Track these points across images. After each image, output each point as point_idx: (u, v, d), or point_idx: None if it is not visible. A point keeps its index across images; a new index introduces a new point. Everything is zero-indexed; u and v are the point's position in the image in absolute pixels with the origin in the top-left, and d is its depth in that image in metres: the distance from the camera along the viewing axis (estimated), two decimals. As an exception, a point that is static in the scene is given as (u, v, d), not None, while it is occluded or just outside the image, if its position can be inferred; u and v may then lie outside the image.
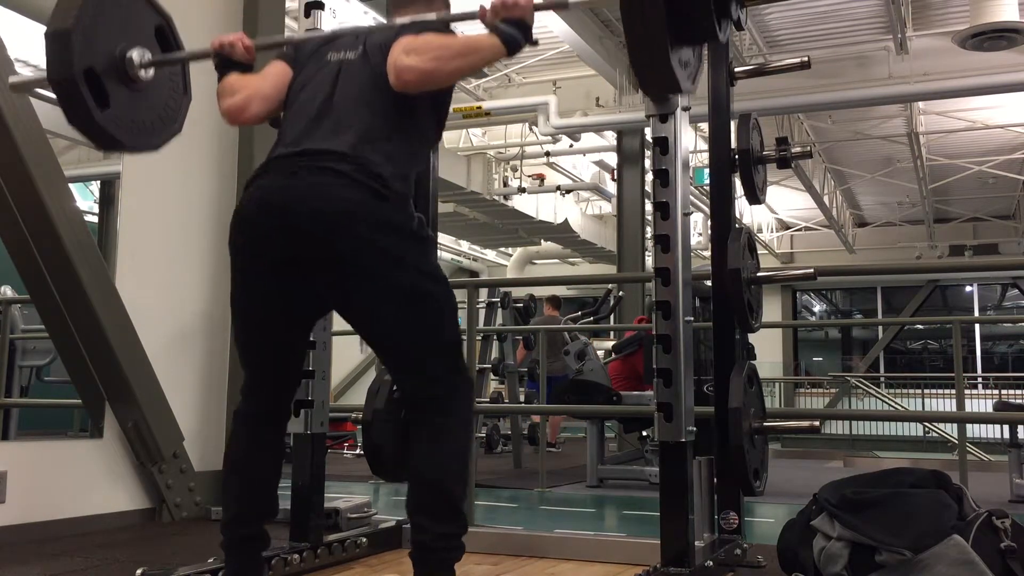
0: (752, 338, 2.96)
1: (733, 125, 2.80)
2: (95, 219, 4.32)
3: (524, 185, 11.70)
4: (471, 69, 2.10)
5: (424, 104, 2.12)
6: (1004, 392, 13.73)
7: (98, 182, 4.60)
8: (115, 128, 2.14)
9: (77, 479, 3.53)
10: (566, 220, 13.01)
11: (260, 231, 2.03)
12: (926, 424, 10.99)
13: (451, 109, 2.33)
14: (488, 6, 2.02)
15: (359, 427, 6.78)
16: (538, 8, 2.07)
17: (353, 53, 2.16)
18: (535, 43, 2.05)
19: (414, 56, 2.00)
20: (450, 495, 2.01)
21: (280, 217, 1.99)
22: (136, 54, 2.19)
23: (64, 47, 2.04)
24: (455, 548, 2.02)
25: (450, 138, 11.39)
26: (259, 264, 2.07)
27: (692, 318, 2.49)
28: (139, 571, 2.36)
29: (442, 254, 15.22)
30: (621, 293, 8.63)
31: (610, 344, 7.32)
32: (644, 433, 6.16)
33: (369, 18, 8.29)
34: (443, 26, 2.16)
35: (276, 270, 2.05)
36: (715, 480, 2.70)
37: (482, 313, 7.78)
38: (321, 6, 2.95)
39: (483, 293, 7.81)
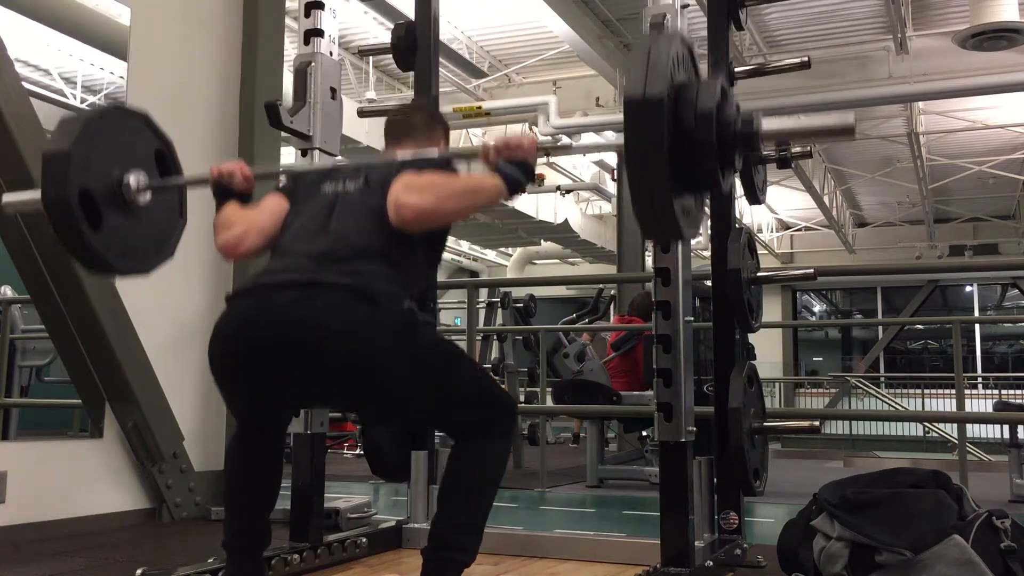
0: (752, 338, 2.96)
1: (733, 125, 2.80)
2: (95, 219, 4.32)
3: (524, 185, 11.68)
4: (472, 209, 2.11)
5: (420, 241, 2.08)
6: (1004, 392, 13.73)
7: (98, 182, 4.60)
8: (106, 251, 2.12)
9: (77, 479, 3.53)
10: (566, 220, 13.01)
11: (243, 357, 1.96)
12: (926, 424, 10.99)
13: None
14: (491, 146, 2.04)
15: (359, 427, 6.78)
16: (541, 151, 2.07)
17: (353, 185, 2.13)
18: (538, 183, 2.06)
19: (415, 194, 1.98)
20: (481, 509, 2.07)
21: (268, 340, 1.92)
22: (133, 178, 2.18)
23: (60, 169, 2.03)
24: (469, 550, 2.07)
25: (450, 138, 11.37)
26: (247, 382, 2.02)
27: (692, 318, 2.49)
28: (139, 571, 2.36)
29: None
30: (613, 292, 8.66)
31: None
32: (644, 433, 6.16)
33: (369, 18, 8.29)
34: (445, 163, 2.15)
35: (267, 386, 2.00)
36: (715, 480, 2.70)
37: (482, 313, 7.78)
38: (321, 6, 2.95)
39: (483, 293, 7.81)
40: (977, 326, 16.60)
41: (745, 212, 13.83)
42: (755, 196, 2.85)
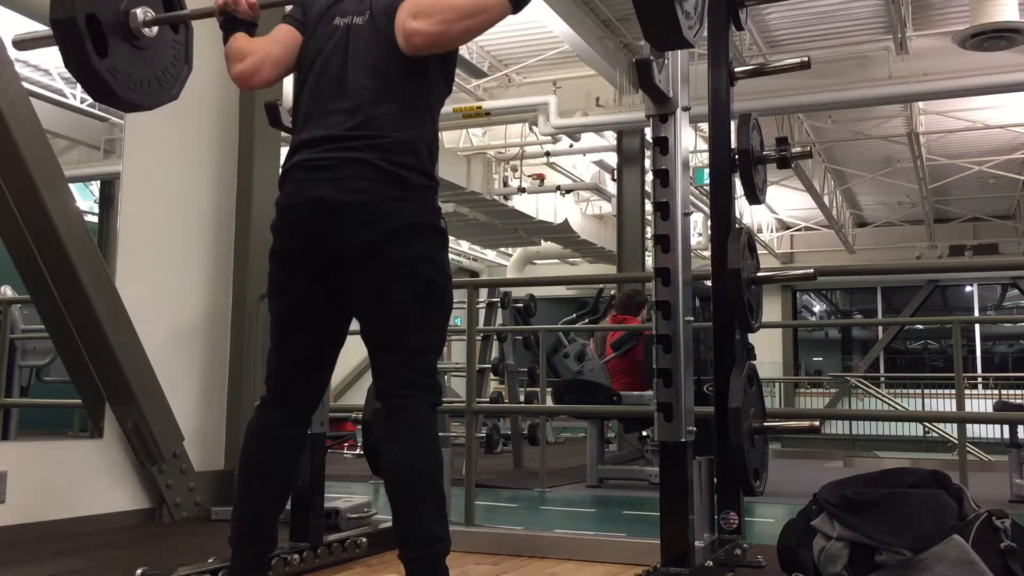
0: (752, 338, 2.95)
1: (733, 125, 2.80)
2: (95, 219, 4.33)
3: (524, 185, 11.69)
4: (479, 29, 2.11)
5: (434, 64, 2.15)
6: (1004, 392, 13.72)
7: (98, 182, 4.61)
8: (110, 78, 2.15)
9: (77, 479, 3.53)
10: (566, 220, 13.00)
11: (305, 229, 2.08)
12: (926, 424, 10.99)
13: (452, 107, 2.33)
14: None
15: (359, 427, 6.78)
16: None
17: (360, 18, 2.17)
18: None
19: (421, 19, 2.04)
20: (435, 486, 2.02)
21: (319, 216, 2.05)
22: (140, 11, 2.22)
23: None
24: (443, 537, 2.01)
25: (450, 138, 11.38)
26: (301, 261, 2.11)
27: (692, 318, 2.49)
28: (139, 571, 2.36)
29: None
30: (613, 292, 8.67)
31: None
32: (644, 433, 6.16)
33: None
34: None
35: (316, 266, 2.10)
36: (715, 480, 2.70)
37: (482, 313, 7.78)
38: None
39: (483, 293, 7.80)
40: (977, 326, 16.60)
41: (745, 212, 13.83)
42: (755, 196, 2.85)
